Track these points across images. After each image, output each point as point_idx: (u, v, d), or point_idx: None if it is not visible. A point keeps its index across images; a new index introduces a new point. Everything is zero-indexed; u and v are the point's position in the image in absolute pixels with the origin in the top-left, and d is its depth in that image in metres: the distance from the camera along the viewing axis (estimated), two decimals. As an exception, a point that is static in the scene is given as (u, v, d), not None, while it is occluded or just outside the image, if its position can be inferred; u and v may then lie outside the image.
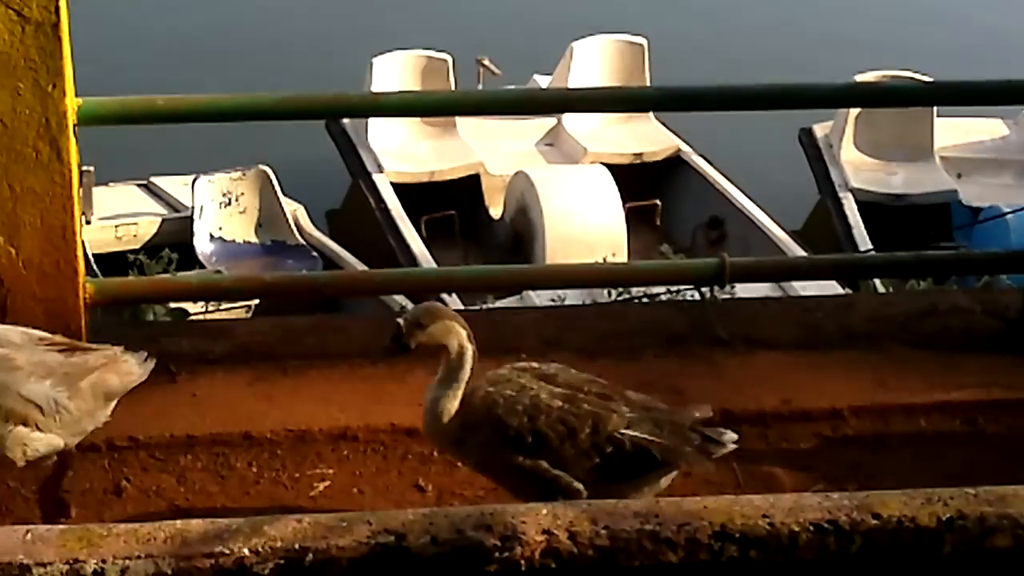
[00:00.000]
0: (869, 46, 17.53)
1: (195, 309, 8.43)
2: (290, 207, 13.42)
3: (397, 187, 13.87)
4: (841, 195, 14.18)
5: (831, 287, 9.87)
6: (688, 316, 5.44)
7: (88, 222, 12.49)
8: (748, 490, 4.34)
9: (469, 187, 14.29)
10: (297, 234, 13.35)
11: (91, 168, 12.11)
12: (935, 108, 14.05)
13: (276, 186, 13.32)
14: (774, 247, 13.22)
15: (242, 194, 13.27)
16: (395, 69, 14.45)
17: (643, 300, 7.50)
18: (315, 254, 13.17)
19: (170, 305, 7.03)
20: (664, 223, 14.41)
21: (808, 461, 4.66)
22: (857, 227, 13.60)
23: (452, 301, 11.25)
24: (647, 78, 14.85)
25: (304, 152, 14.48)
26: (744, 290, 7.46)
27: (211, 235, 13.16)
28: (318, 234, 13.48)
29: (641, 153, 14.64)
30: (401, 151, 14.33)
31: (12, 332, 4.06)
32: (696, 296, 5.66)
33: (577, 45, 14.96)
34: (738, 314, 5.48)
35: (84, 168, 11.95)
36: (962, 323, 5.34)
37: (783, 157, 14.89)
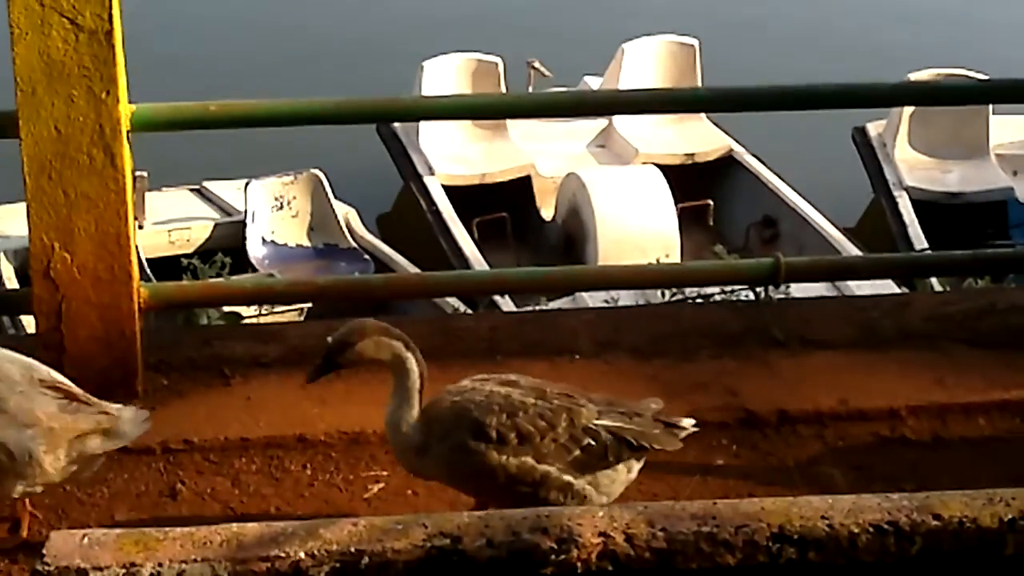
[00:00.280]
0: (922, 45, 17.43)
1: (248, 312, 8.46)
2: (342, 210, 13.45)
3: (448, 189, 13.87)
4: (896, 194, 14.08)
5: (887, 286, 9.81)
6: (743, 316, 5.41)
7: (141, 227, 12.56)
8: (805, 491, 4.31)
9: (520, 189, 14.28)
10: (349, 237, 13.38)
11: (144, 173, 12.17)
12: (990, 105, 13.94)
13: (328, 190, 13.35)
14: (828, 246, 13.15)
15: (294, 198, 13.31)
16: (446, 72, 14.45)
17: (697, 301, 7.47)
18: (367, 257, 13.19)
19: (223, 309, 7.05)
20: (717, 223, 14.36)
21: (865, 461, 4.63)
22: (912, 226, 13.50)
23: (505, 303, 11.26)
24: (698, 78, 14.80)
25: (355, 155, 14.51)
26: (799, 290, 7.42)
27: (263, 239, 13.20)
28: (370, 237, 13.49)
29: (693, 153, 14.59)
30: (452, 153, 14.33)
31: (15, 366, 3.97)
32: (751, 296, 5.63)
33: (628, 46, 14.93)
34: (793, 314, 5.44)
35: (137, 173, 11.94)
36: (1021, 321, 5.29)
37: (836, 156, 14.80)
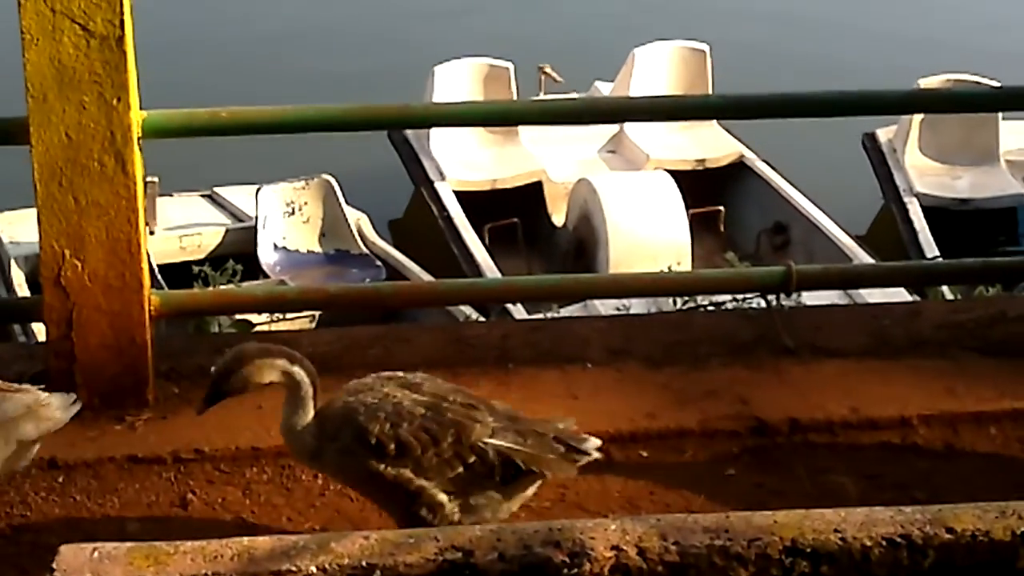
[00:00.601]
0: (935, 50, 17.41)
1: (259, 320, 8.46)
2: (353, 216, 13.45)
3: (460, 195, 13.87)
4: (906, 200, 14.06)
5: (898, 294, 9.80)
6: (754, 324, 5.41)
7: (152, 233, 12.55)
8: (816, 500, 4.30)
9: (532, 195, 14.27)
10: (360, 243, 13.37)
11: (155, 179, 12.17)
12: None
13: (339, 195, 13.35)
14: (839, 252, 13.14)
15: (305, 203, 13.31)
16: (457, 77, 14.45)
17: (708, 308, 7.47)
18: (379, 263, 13.19)
19: (235, 316, 7.05)
20: (728, 229, 14.34)
21: (876, 470, 4.62)
22: (923, 232, 13.48)
23: (517, 309, 11.25)
24: (709, 84, 14.79)
25: (367, 161, 14.52)
26: (810, 297, 7.41)
27: (275, 245, 13.20)
28: (381, 243, 13.49)
29: (704, 159, 14.58)
30: (463, 159, 14.33)
31: None
32: (762, 304, 5.62)
33: (639, 51, 14.91)
34: (804, 322, 5.44)
35: (148, 179, 12.00)
36: (1033, 330, 5.28)
37: (847, 162, 14.78)
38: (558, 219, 14.09)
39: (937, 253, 12.85)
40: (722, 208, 14.33)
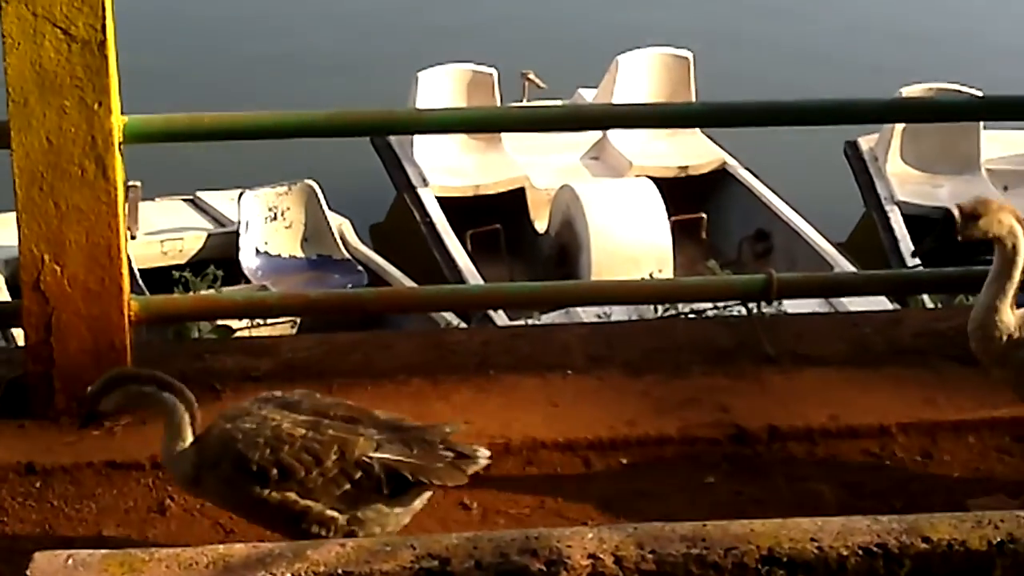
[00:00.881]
0: (916, 59, 17.45)
1: (240, 325, 8.44)
2: (336, 221, 13.43)
3: (442, 201, 13.86)
4: (887, 208, 14.08)
5: (879, 302, 9.80)
6: (735, 332, 5.42)
7: (134, 237, 12.52)
8: (795, 508, 4.31)
9: (514, 201, 14.26)
10: (343, 248, 13.36)
11: (138, 183, 12.15)
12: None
13: (322, 200, 13.32)
14: (820, 260, 13.15)
15: (288, 209, 13.29)
16: (440, 83, 14.44)
17: (690, 316, 7.47)
18: (361, 268, 13.17)
19: (215, 322, 7.04)
20: (710, 236, 14.35)
21: (855, 478, 4.63)
22: (904, 240, 13.50)
23: (498, 316, 11.24)
24: (692, 91, 14.81)
25: (349, 166, 14.50)
26: (791, 305, 7.42)
27: (257, 250, 13.18)
28: (364, 248, 13.47)
29: (687, 166, 14.58)
30: (446, 165, 14.32)
31: None
32: (743, 312, 5.63)
33: (622, 58, 14.92)
34: (785, 330, 5.45)
35: (130, 183, 11.97)
36: (1012, 340, 5.27)
37: (828, 170, 14.80)
38: (541, 225, 14.08)
39: (918, 260, 12.85)
40: (704, 215, 14.34)
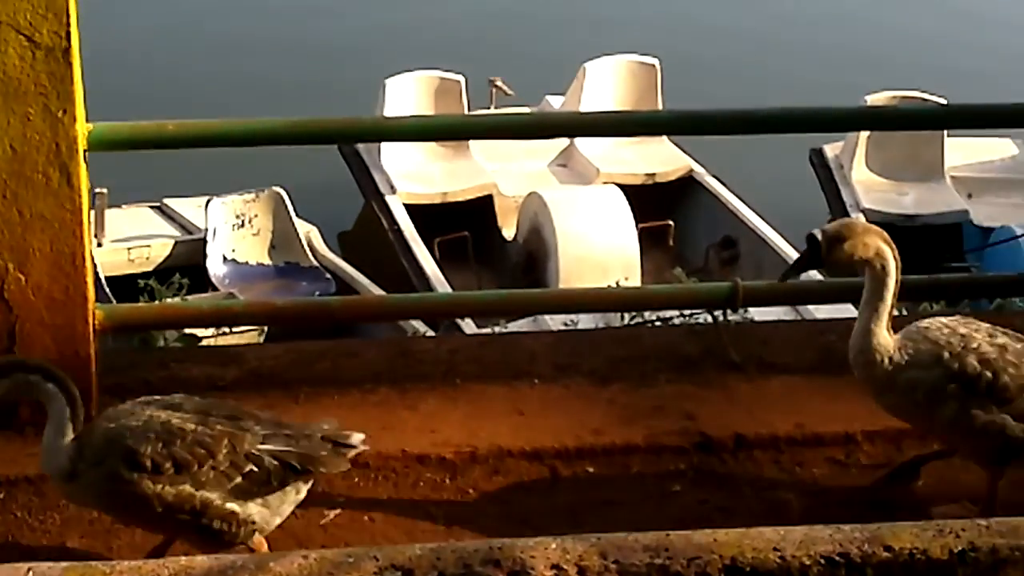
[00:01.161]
0: (880, 66, 17.52)
1: (205, 334, 8.41)
2: (303, 229, 13.41)
3: (410, 208, 13.85)
4: (853, 215, 14.12)
5: (845, 310, 9.82)
6: (701, 340, 5.43)
7: (100, 245, 12.49)
8: (760, 516, 4.32)
9: (482, 208, 14.27)
10: (311, 256, 13.34)
11: (104, 190, 12.11)
12: (945, 129, 14.00)
13: (289, 208, 13.30)
14: (786, 266, 13.16)
15: (255, 216, 13.26)
16: (408, 90, 14.44)
17: (656, 324, 7.48)
18: (328, 276, 13.15)
19: (181, 330, 7.02)
20: (677, 243, 14.38)
21: (821, 486, 4.64)
22: (870, 248, 13.54)
23: (466, 324, 11.24)
24: (659, 98, 14.84)
25: (317, 174, 14.47)
26: (758, 312, 7.43)
27: (224, 257, 13.15)
28: (331, 256, 13.46)
29: (654, 174, 14.61)
30: (414, 172, 14.32)
31: None
32: (709, 319, 5.64)
33: (590, 66, 14.94)
34: (751, 337, 5.47)
35: (97, 190, 11.95)
36: (976, 348, 5.29)
37: (795, 177, 14.85)
38: (508, 233, 14.09)
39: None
40: (671, 222, 14.36)
